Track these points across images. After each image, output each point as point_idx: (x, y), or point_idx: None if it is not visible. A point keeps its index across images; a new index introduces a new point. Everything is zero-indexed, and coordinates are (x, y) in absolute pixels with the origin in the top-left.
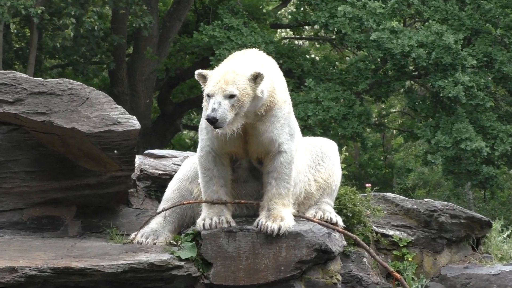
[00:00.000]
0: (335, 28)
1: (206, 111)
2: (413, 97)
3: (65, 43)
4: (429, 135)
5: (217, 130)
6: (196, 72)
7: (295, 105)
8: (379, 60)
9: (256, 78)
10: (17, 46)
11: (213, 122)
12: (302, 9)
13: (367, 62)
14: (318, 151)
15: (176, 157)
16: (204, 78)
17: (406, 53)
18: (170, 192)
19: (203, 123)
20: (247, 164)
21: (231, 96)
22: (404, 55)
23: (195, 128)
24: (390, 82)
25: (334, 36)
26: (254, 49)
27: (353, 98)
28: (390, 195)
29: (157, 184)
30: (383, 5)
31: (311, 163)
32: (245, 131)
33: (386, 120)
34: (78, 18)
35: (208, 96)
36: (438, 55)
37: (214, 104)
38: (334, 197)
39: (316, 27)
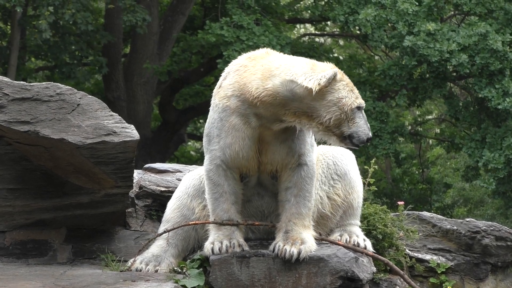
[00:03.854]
0: (356, 27)
1: (362, 129)
2: (455, 104)
3: (44, 35)
4: (476, 155)
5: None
6: (333, 71)
7: None
8: (411, 65)
9: None
10: None
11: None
12: (321, 3)
13: (399, 67)
14: (330, 163)
15: (180, 171)
16: (335, 82)
17: (445, 58)
18: (170, 212)
19: (214, 130)
20: (255, 181)
21: None
22: (442, 60)
23: (202, 139)
24: (427, 88)
25: (358, 33)
26: (270, 49)
27: (385, 111)
28: (426, 214)
29: (159, 202)
30: (416, 2)
31: (322, 177)
32: (261, 139)
33: (421, 129)
34: (56, 8)
35: (359, 109)
36: (483, 60)
37: (367, 121)
38: (359, 216)
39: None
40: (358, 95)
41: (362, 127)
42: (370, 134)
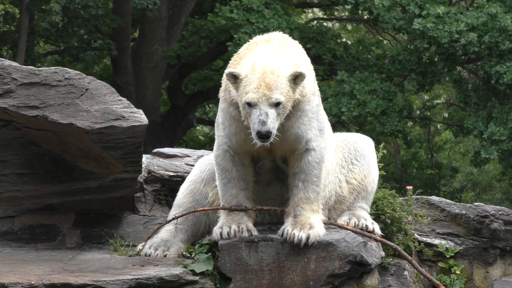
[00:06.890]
0: (366, 9)
1: (253, 124)
2: (464, 88)
3: (54, 19)
4: (481, 127)
5: (263, 143)
6: (226, 71)
7: (325, 99)
8: (422, 48)
9: (296, 79)
10: (5, 29)
11: (268, 137)
12: None
13: (408, 52)
14: (351, 149)
15: (189, 156)
16: (236, 78)
17: (454, 39)
18: (182, 197)
19: (219, 118)
20: (270, 164)
21: (277, 104)
22: (452, 41)
23: (211, 123)
24: (436, 72)
25: (367, 18)
26: (278, 33)
27: (393, 90)
28: (434, 198)
29: (167, 187)
30: None
31: (342, 162)
32: None
33: (430, 113)
34: None
35: (250, 105)
36: (492, 39)
37: (261, 116)
38: (370, 201)
39: (347, 7)
40: (249, 91)
41: (252, 122)
42: (257, 129)
